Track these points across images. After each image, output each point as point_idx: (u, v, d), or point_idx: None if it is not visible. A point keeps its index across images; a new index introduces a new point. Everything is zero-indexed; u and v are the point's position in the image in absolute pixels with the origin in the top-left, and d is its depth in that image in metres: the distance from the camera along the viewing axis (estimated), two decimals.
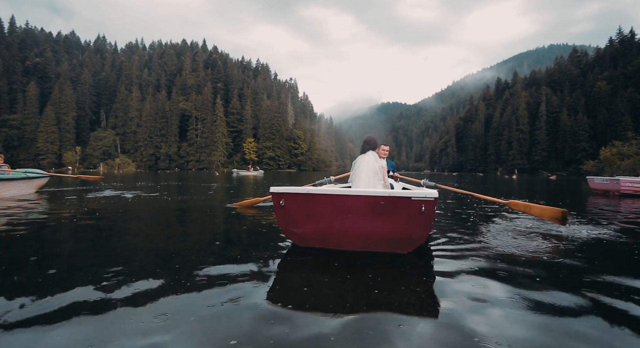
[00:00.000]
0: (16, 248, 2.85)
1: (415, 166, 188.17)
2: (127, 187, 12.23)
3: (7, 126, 75.30)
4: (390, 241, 2.52)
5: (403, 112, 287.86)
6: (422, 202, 2.33)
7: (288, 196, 2.57)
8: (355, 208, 2.46)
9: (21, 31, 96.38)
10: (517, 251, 2.79)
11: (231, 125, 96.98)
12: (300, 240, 2.73)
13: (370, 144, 3.51)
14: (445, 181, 23.07)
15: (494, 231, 3.72)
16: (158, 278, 2.08)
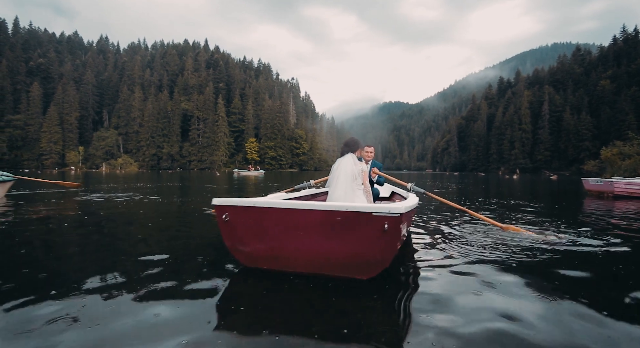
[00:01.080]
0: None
1: (417, 165, 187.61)
2: (121, 188, 12.29)
3: (11, 126, 75.82)
4: (348, 264, 2.12)
5: (405, 111, 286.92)
6: (385, 218, 1.94)
7: (233, 209, 2.24)
8: (308, 224, 2.10)
9: (25, 32, 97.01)
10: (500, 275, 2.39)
11: (233, 125, 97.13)
12: (248, 260, 2.38)
13: (349, 145, 3.26)
14: (446, 181, 22.96)
15: (477, 246, 3.59)
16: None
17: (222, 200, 2.27)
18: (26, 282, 2.17)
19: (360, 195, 3.12)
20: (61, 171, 57.97)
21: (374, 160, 4.49)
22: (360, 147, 3.35)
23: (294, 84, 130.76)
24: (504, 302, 1.91)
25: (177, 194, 9.97)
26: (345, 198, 2.96)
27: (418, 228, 4.32)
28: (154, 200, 7.80)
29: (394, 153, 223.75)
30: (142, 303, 1.83)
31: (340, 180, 3.04)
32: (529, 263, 2.74)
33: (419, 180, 26.53)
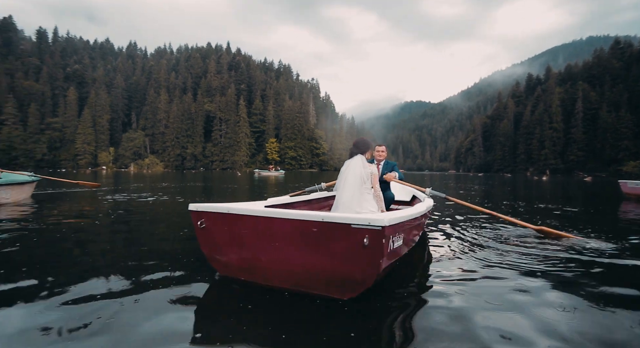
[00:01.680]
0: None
1: (439, 166, 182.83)
2: (147, 188, 12.68)
3: (51, 128, 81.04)
4: (325, 282, 1.91)
5: (427, 110, 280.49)
6: (365, 231, 1.71)
7: (208, 215, 2.12)
8: (283, 235, 1.93)
9: (63, 40, 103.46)
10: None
11: (254, 125, 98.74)
12: (225, 269, 2.24)
13: (359, 147, 3.04)
14: (469, 182, 22.12)
15: (503, 253, 3.28)
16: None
17: (198, 205, 2.14)
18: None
19: (370, 199, 2.91)
20: (94, 170, 61.14)
21: (387, 160, 4.20)
22: (370, 148, 3.12)
23: (314, 84, 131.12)
24: (532, 328, 1.62)
25: (200, 195, 10.14)
26: (352, 203, 2.77)
27: (434, 236, 4.04)
28: (177, 201, 7.93)
29: (415, 153, 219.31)
30: (116, 310, 1.75)
31: (347, 183, 2.85)
32: (566, 276, 2.41)
33: (441, 181, 25.75)
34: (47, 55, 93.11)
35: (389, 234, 1.78)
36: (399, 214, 2.01)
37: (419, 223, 2.82)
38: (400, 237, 2.05)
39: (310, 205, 3.86)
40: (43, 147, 78.95)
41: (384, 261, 1.81)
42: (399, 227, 1.95)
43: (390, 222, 1.76)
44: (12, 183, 6.56)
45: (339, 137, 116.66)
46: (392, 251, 1.92)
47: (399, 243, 2.04)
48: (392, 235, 1.85)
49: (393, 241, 1.90)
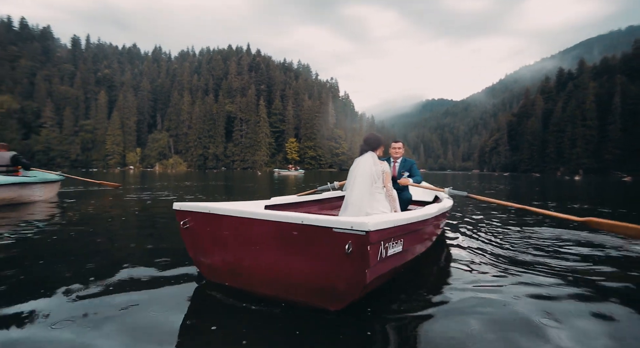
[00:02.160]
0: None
1: (462, 165, 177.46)
2: (170, 187, 13.01)
3: (84, 130, 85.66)
4: (309, 291, 1.74)
5: (449, 108, 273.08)
6: (348, 236, 1.50)
7: (192, 215, 2.00)
8: (264, 238, 1.78)
9: (94, 47, 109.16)
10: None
11: (274, 125, 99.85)
12: (209, 273, 2.11)
13: (369, 143, 2.82)
14: (494, 182, 21.24)
15: (537, 252, 2.97)
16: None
17: (182, 204, 2.03)
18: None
19: (381, 200, 2.71)
20: (122, 170, 63.97)
21: (404, 157, 3.93)
22: (382, 144, 2.89)
23: (333, 83, 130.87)
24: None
25: (221, 193, 10.26)
26: (362, 204, 2.60)
27: (454, 238, 3.75)
28: (199, 199, 8.04)
29: (437, 152, 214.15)
30: (95, 314, 1.66)
31: (357, 183, 2.66)
32: (628, 287, 2.06)
33: (464, 181, 24.89)
34: (80, 61, 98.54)
35: (377, 240, 1.56)
36: (392, 217, 1.76)
37: (430, 226, 2.51)
38: (398, 243, 1.80)
39: (320, 205, 3.69)
40: (77, 148, 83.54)
41: (372, 271, 1.58)
42: (393, 232, 1.71)
43: (378, 226, 1.53)
44: (45, 181, 6.78)
45: (359, 137, 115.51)
46: (385, 259, 1.69)
47: (396, 250, 1.79)
48: (383, 241, 1.63)
49: (386, 248, 1.68)
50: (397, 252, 1.81)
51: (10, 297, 1.86)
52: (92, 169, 74.14)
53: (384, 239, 1.63)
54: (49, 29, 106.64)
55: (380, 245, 1.61)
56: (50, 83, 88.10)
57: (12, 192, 5.86)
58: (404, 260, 2.06)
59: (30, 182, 6.30)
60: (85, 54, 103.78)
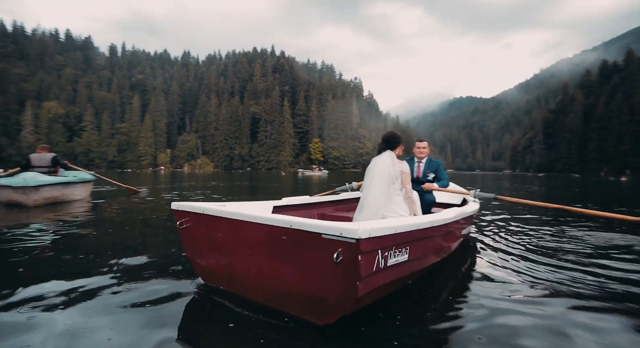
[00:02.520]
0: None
1: (492, 165, 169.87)
2: (199, 187, 13.38)
3: (119, 133, 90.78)
4: (298, 301, 1.60)
5: (478, 106, 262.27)
6: (337, 244, 1.35)
7: (188, 216, 1.93)
8: (255, 241, 1.68)
9: (129, 53, 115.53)
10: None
11: (297, 126, 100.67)
12: (206, 276, 2.04)
13: (387, 141, 2.66)
14: (528, 183, 20.06)
15: (579, 262, 2.62)
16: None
17: (180, 204, 1.96)
18: None
19: (399, 202, 2.56)
20: (154, 171, 66.99)
21: (430, 157, 3.70)
22: (401, 143, 2.71)
23: (357, 83, 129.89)
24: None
25: (247, 193, 10.46)
26: (378, 206, 2.46)
27: (480, 244, 3.43)
28: (226, 199, 8.18)
29: (465, 152, 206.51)
30: (89, 317, 1.61)
31: (373, 183, 2.52)
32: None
33: (494, 181, 23.73)
34: (116, 67, 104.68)
35: (371, 249, 1.40)
36: (393, 223, 1.59)
37: (447, 232, 2.25)
38: (402, 252, 1.63)
39: (336, 207, 3.54)
40: (113, 150, 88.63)
41: (366, 283, 1.42)
42: (395, 239, 1.54)
43: (372, 233, 1.37)
44: (84, 181, 7.12)
45: None
46: (385, 270, 1.53)
47: (400, 259, 1.62)
48: (382, 249, 1.48)
49: (385, 257, 1.51)
50: (402, 262, 1.64)
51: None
52: (127, 169, 78.39)
53: (382, 248, 1.48)
54: (90, 39, 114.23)
55: (376, 254, 1.45)
56: (91, 89, 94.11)
57: (57, 191, 6.20)
58: (411, 270, 1.85)
59: (72, 182, 6.64)
60: (121, 60, 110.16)
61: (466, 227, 2.93)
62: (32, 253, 2.79)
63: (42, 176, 5.94)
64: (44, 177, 5.94)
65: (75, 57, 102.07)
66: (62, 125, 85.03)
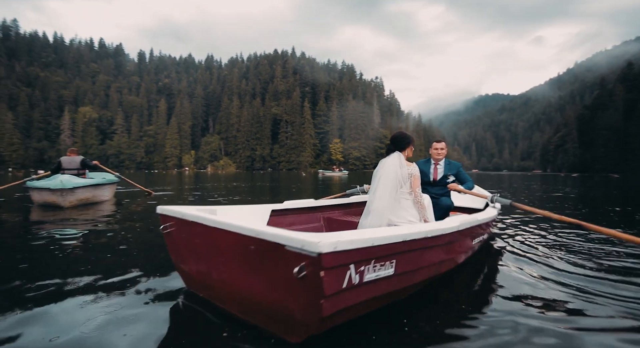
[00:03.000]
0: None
1: (521, 165, 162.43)
2: (220, 188, 13.57)
3: (147, 135, 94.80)
4: (268, 316, 1.49)
5: (505, 104, 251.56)
6: (301, 257, 1.23)
7: (171, 220, 1.88)
8: (226, 250, 1.58)
9: (156, 59, 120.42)
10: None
11: (318, 126, 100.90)
12: (187, 281, 1.97)
13: (396, 142, 2.50)
14: (560, 185, 18.86)
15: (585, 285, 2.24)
16: None
17: (164, 208, 1.91)
18: None
19: (408, 207, 2.40)
20: (179, 171, 69.37)
21: (447, 159, 3.49)
22: (411, 143, 2.55)
23: (378, 82, 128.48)
24: None
25: (267, 195, 10.45)
26: (384, 211, 2.31)
27: (493, 257, 3.06)
28: (246, 200, 8.16)
29: (491, 152, 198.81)
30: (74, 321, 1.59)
31: (379, 187, 2.37)
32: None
33: (522, 182, 22.50)
34: (145, 72, 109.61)
35: (337, 264, 1.25)
36: (369, 234, 1.39)
37: (450, 243, 1.98)
38: (385, 266, 1.46)
39: (344, 210, 3.36)
40: (141, 151, 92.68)
41: (333, 302, 1.28)
42: (373, 252, 1.38)
43: (338, 246, 1.22)
44: (111, 183, 7.40)
45: None
46: (361, 286, 1.38)
47: (381, 274, 1.45)
48: (355, 263, 1.32)
49: (361, 272, 1.35)
50: (386, 277, 1.49)
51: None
52: (154, 170, 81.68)
53: (356, 261, 1.32)
54: (121, 46, 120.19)
55: (347, 269, 1.30)
56: (121, 94, 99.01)
57: (89, 192, 6.45)
58: (403, 284, 1.69)
59: (102, 183, 6.90)
60: (149, 66, 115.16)
61: (479, 236, 2.62)
62: (64, 251, 2.91)
63: (76, 178, 6.20)
64: (77, 179, 6.20)
65: (108, 64, 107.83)
66: (95, 129, 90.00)
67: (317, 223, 3.14)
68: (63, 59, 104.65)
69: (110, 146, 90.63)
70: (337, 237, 1.26)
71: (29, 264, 2.50)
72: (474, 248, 2.61)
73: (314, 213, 3.11)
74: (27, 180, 6.28)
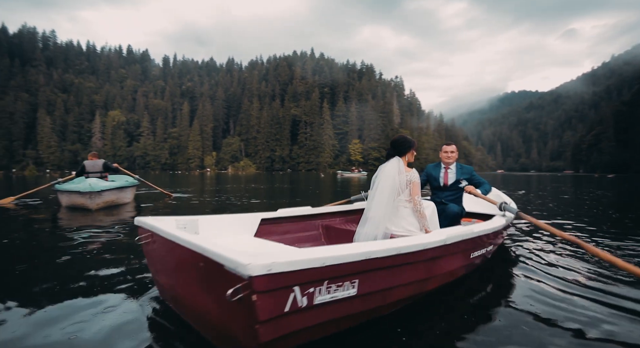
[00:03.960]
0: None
1: (550, 165, 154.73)
2: (239, 189, 13.77)
3: (171, 137, 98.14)
4: (220, 336, 1.38)
5: (534, 101, 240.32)
6: (237, 278, 1.12)
7: (145, 231, 1.84)
8: (182, 264, 1.52)
9: (180, 63, 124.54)
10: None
11: (337, 127, 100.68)
12: (161, 292, 1.91)
13: (396, 146, 2.39)
14: (593, 187, 17.71)
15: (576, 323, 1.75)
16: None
17: (140, 219, 1.87)
18: None
19: (407, 215, 2.28)
20: (201, 172, 71.33)
21: (459, 163, 3.31)
22: (412, 148, 2.42)
23: (398, 82, 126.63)
24: None
25: (287, 197, 10.45)
26: (380, 220, 2.21)
27: (509, 264, 2.79)
28: (263, 203, 8.20)
29: (517, 151, 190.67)
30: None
31: (377, 194, 2.28)
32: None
33: (551, 183, 21.33)
34: (169, 77, 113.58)
35: (273, 287, 1.14)
36: (319, 253, 1.27)
37: (429, 258, 1.77)
38: (345, 287, 1.34)
39: (346, 217, 3.21)
40: (166, 153, 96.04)
41: (272, 327, 1.17)
42: (326, 272, 1.26)
43: (273, 268, 1.11)
44: (132, 185, 7.62)
45: (426, 136, 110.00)
46: (309, 310, 1.26)
47: (339, 296, 1.33)
48: (299, 286, 1.21)
49: (310, 294, 1.24)
50: (346, 298, 1.37)
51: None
52: (177, 171, 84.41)
53: (301, 283, 1.21)
54: (147, 52, 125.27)
55: (290, 292, 1.19)
56: (147, 98, 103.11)
57: (114, 195, 6.69)
58: (368, 306, 1.52)
59: (125, 186, 7.13)
60: (173, 70, 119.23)
61: (480, 249, 2.37)
62: (95, 251, 3.04)
63: (103, 182, 6.46)
64: (104, 182, 6.45)
65: (135, 70, 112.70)
66: (123, 131, 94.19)
67: (315, 231, 3.01)
68: (95, 66, 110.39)
69: (137, 148, 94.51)
70: (274, 257, 1.15)
71: (66, 263, 2.64)
72: (473, 263, 2.36)
73: (312, 221, 3.00)
74: (54, 183, 6.61)
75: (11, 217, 5.37)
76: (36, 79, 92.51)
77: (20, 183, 18.37)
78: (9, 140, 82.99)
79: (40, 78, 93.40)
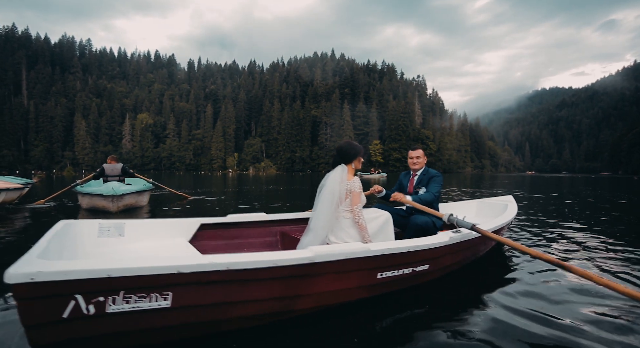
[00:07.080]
0: None
1: (584, 166, 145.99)
2: (259, 190, 13.85)
3: (195, 139, 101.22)
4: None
5: (566, 99, 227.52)
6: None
7: None
8: None
9: (204, 67, 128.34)
10: None
11: (357, 128, 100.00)
12: None
13: (341, 153, 2.30)
14: (633, 191, 16.17)
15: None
16: None
17: (66, 222, 2.11)
18: None
19: (347, 226, 2.21)
20: (223, 173, 72.93)
21: (427, 168, 3.20)
22: (358, 154, 2.33)
23: (420, 81, 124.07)
24: None
25: (307, 199, 10.23)
26: (321, 229, 2.17)
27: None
28: (275, 208, 8.17)
29: (547, 152, 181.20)
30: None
31: (319, 203, 2.22)
32: None
33: (585, 186, 19.64)
34: (194, 80, 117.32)
35: (37, 295, 1.16)
36: (111, 263, 1.26)
37: (285, 277, 1.62)
38: (154, 298, 1.34)
39: (301, 226, 2.97)
40: (190, 154, 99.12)
41: (47, 332, 1.22)
42: (113, 284, 1.25)
43: (34, 277, 1.14)
44: (148, 189, 7.80)
45: (449, 137, 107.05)
46: (96, 318, 1.27)
47: (145, 306, 1.33)
48: (82, 295, 1.23)
49: (99, 303, 1.25)
50: (156, 309, 1.35)
51: None
52: (201, 171, 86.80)
53: (85, 292, 1.22)
54: (173, 57, 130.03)
55: (69, 300, 1.21)
56: (173, 101, 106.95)
57: (133, 198, 6.86)
58: (192, 319, 1.47)
59: (143, 190, 7.27)
60: (197, 73, 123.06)
61: (394, 268, 2.01)
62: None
63: (124, 186, 6.63)
64: (125, 186, 6.63)
65: (162, 74, 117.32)
66: (151, 133, 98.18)
67: (272, 238, 2.96)
68: (125, 71, 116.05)
69: (163, 149, 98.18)
70: (44, 266, 1.17)
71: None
72: (385, 282, 2.02)
73: (269, 228, 2.97)
74: (74, 185, 6.84)
75: (40, 216, 5.62)
76: (73, 84, 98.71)
77: (59, 183, 19.49)
78: (50, 143, 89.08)
79: (77, 84, 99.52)
